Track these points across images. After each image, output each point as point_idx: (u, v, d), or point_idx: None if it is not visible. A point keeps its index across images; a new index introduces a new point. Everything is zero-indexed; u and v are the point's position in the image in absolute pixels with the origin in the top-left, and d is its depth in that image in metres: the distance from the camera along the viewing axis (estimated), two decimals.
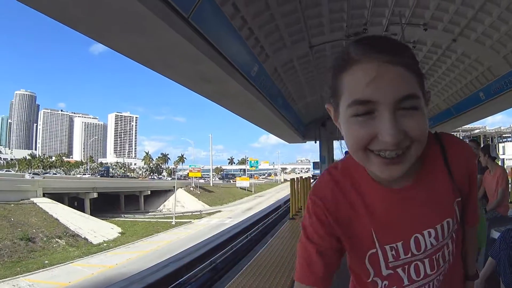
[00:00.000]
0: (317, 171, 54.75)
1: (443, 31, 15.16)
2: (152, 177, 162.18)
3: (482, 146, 7.93)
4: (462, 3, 13.13)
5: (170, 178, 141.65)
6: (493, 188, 7.31)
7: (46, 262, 36.24)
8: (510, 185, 9.18)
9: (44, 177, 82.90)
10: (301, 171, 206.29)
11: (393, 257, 1.54)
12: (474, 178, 1.63)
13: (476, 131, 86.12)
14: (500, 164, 9.49)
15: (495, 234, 5.71)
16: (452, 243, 1.60)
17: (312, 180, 22.85)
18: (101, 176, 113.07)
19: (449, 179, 1.53)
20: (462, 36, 15.28)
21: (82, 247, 43.03)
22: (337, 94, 1.38)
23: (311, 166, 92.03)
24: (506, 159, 66.24)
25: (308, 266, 1.55)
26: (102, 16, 7.73)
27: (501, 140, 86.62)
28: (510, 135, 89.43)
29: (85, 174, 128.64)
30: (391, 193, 1.50)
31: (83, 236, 46.14)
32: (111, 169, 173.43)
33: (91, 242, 45.46)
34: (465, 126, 67.85)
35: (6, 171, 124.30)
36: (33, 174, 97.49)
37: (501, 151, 73.30)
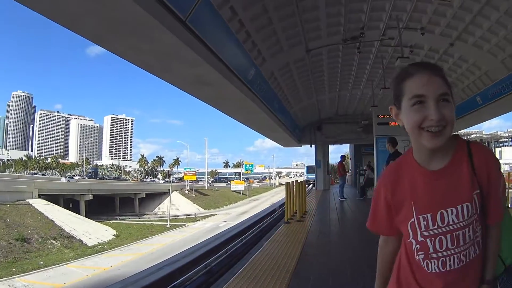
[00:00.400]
0: (312, 176, 53.42)
1: (440, 36, 15.26)
2: (145, 179, 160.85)
3: None
4: (460, 7, 13.15)
5: (163, 181, 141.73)
6: None
7: (41, 263, 36.22)
8: (506, 190, 9.11)
9: (77, 180, 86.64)
10: (296, 175, 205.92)
11: (424, 227, 2.11)
12: (494, 178, 2.10)
13: (472, 136, 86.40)
14: None
15: None
16: (473, 232, 2.08)
17: (306, 185, 22.85)
18: (89, 178, 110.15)
19: (472, 173, 2.07)
20: (459, 40, 15.36)
21: (77, 249, 42.97)
22: (400, 96, 2.12)
23: (304, 170, 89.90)
24: (503, 164, 66.24)
25: (373, 221, 2.46)
26: (101, 18, 7.75)
27: (498, 145, 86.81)
28: (507, 139, 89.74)
29: (75, 176, 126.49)
30: (428, 173, 2.12)
31: (78, 238, 46.08)
32: (106, 171, 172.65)
33: (86, 244, 45.37)
34: (461, 131, 68.13)
35: None
36: (68, 178, 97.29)
37: (498, 156, 73.30)
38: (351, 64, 20.05)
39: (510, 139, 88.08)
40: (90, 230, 50.18)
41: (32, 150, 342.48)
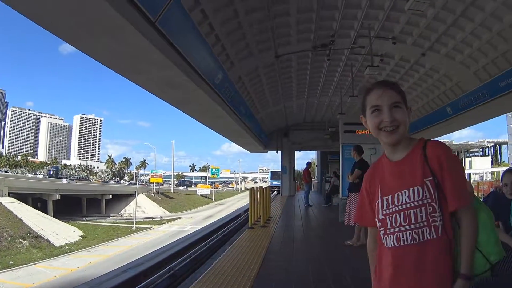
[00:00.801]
0: (276, 182, 52.69)
1: (412, 45, 15.35)
2: (110, 180, 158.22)
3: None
4: (434, 17, 13.24)
5: (127, 183, 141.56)
6: None
7: (10, 262, 36.06)
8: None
9: (76, 182, 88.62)
10: (262, 180, 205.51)
11: (386, 207, 2.62)
12: (446, 167, 2.50)
13: None
14: (466, 179, 9.10)
15: None
16: (427, 213, 2.48)
17: (271, 192, 22.88)
18: (49, 177, 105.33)
19: (424, 162, 2.54)
20: (431, 50, 15.47)
21: (45, 249, 42.70)
22: (365, 107, 2.72)
23: (268, 176, 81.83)
24: (473, 174, 66.74)
25: (359, 214, 3.01)
26: (68, 15, 7.68)
27: (468, 155, 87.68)
28: (477, 150, 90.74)
29: (36, 174, 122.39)
30: (392, 163, 2.69)
31: (46, 238, 45.76)
32: (73, 171, 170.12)
33: (53, 244, 45.09)
34: None
35: None
36: (69, 179, 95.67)
37: (467, 166, 73.70)
38: (320, 71, 20.19)
39: (480, 149, 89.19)
40: (58, 231, 49.91)
41: (3, 147, 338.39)
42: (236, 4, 12.11)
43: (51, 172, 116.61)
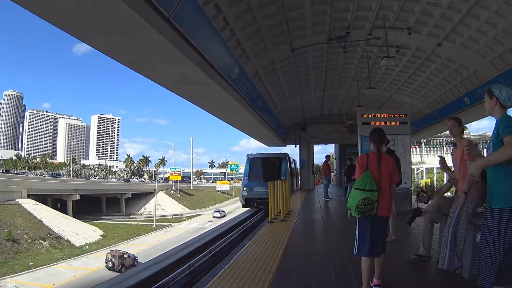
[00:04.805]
0: (261, 189, 29.37)
1: (427, 36, 15.14)
2: (104, 177, 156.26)
3: (453, 117, 7.33)
4: (448, 7, 13.03)
5: (115, 179, 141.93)
6: (458, 164, 6.74)
7: (31, 263, 36.46)
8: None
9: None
10: None
11: None
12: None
13: None
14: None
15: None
16: None
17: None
18: None
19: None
20: (447, 40, 15.24)
21: (65, 249, 43.09)
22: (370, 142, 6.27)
23: (244, 172, 36.11)
24: None
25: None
26: (84, 15, 7.66)
27: (485, 146, 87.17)
28: None
29: None
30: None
31: (66, 238, 46.21)
32: (92, 171, 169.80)
33: (73, 244, 45.56)
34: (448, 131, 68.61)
35: None
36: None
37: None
38: (336, 64, 20.06)
39: None
40: (78, 231, 50.41)
41: (21, 150, 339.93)
42: None
43: None
